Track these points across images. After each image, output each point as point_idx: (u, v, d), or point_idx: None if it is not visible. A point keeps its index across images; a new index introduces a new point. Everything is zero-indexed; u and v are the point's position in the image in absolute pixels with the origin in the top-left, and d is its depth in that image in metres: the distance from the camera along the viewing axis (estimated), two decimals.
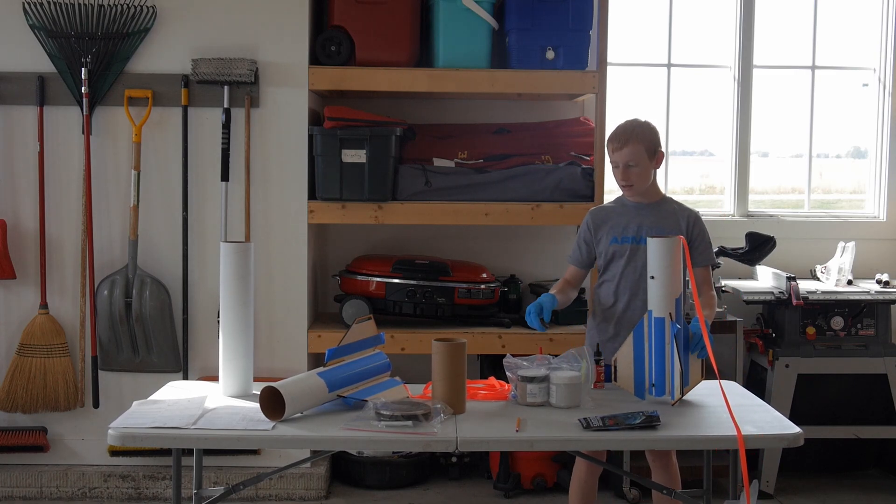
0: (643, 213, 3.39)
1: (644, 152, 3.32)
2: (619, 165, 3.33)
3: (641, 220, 3.38)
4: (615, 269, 3.39)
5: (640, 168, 3.33)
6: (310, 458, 3.97)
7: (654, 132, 3.39)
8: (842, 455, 4.69)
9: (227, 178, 4.31)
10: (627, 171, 3.33)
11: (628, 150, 3.31)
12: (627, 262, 3.36)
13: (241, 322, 3.07)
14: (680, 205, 3.47)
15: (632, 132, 3.33)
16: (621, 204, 3.45)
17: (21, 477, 4.33)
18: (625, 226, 3.38)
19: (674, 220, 3.39)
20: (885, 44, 5.10)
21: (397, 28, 4.38)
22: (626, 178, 3.33)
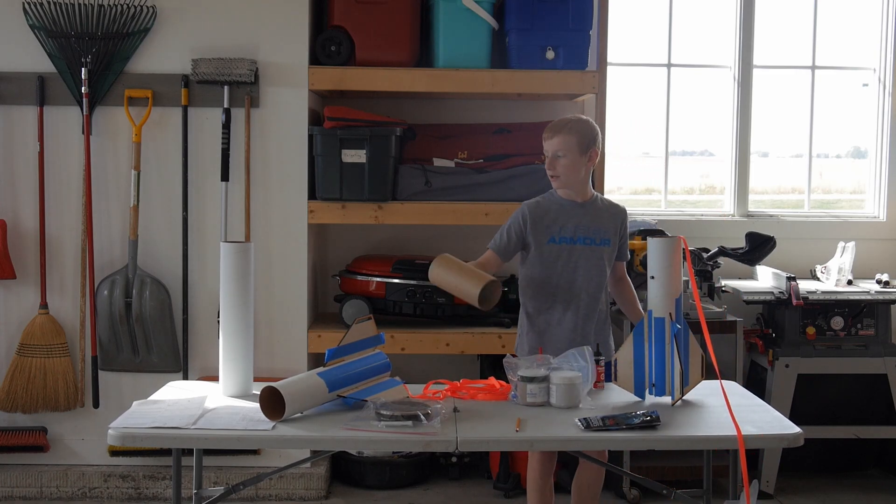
0: (578, 212, 3.37)
1: (575, 145, 3.29)
2: (549, 155, 3.33)
3: (578, 219, 3.36)
4: (549, 271, 3.36)
5: (568, 160, 3.30)
6: (310, 458, 3.98)
7: (591, 128, 3.36)
8: (842, 455, 4.69)
9: (227, 178, 4.31)
10: (555, 160, 3.32)
11: (558, 140, 3.30)
12: (565, 263, 3.35)
13: (241, 322, 3.07)
14: (609, 202, 3.47)
15: (566, 124, 3.33)
16: (556, 202, 3.38)
17: (21, 477, 4.33)
18: (562, 225, 3.35)
19: (608, 217, 3.39)
20: (885, 44, 5.11)
21: (397, 28, 4.38)
22: (552, 168, 3.32)
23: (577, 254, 3.33)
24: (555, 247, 3.34)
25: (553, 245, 3.34)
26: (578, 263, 3.34)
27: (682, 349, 3.00)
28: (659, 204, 5.17)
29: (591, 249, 3.34)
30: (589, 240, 3.34)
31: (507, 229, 3.38)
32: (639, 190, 5.42)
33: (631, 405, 2.99)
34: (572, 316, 3.36)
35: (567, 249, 3.34)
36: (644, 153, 5.35)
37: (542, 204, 3.39)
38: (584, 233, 3.33)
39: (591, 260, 3.35)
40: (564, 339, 3.34)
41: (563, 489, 4.45)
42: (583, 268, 3.35)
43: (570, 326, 3.36)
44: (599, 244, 3.36)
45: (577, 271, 3.34)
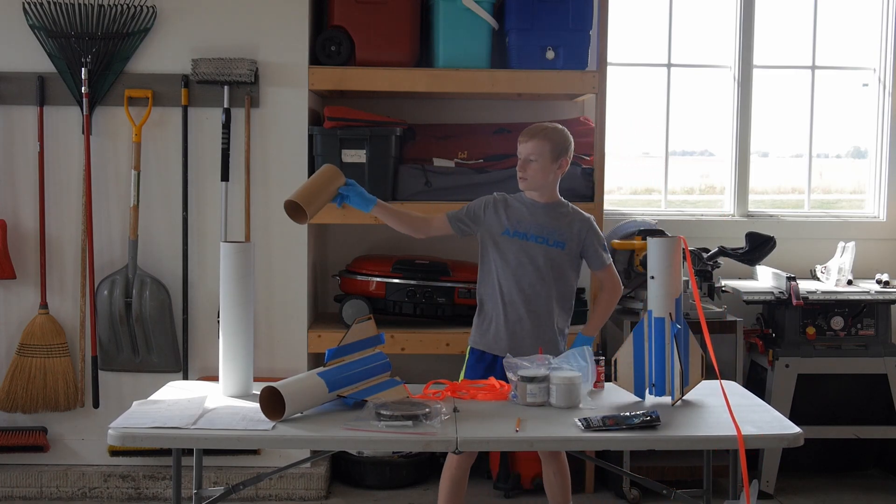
0: (539, 212, 3.42)
1: (548, 152, 3.37)
2: (521, 157, 3.39)
3: (536, 218, 3.41)
4: (495, 264, 3.41)
5: (539, 165, 3.37)
6: (310, 458, 3.98)
7: (565, 138, 3.44)
8: (842, 455, 4.69)
9: (227, 178, 4.31)
10: (527, 163, 3.37)
11: (532, 145, 3.36)
12: (516, 257, 3.38)
13: (241, 322, 3.07)
14: (575, 209, 3.50)
15: (543, 130, 3.40)
16: (519, 200, 3.46)
17: (21, 477, 4.33)
18: (519, 220, 3.41)
19: (569, 222, 3.43)
20: (885, 44, 5.10)
21: (397, 28, 4.38)
22: (523, 170, 3.38)
23: (530, 250, 3.38)
24: (508, 239, 3.39)
25: (507, 237, 3.39)
26: (529, 259, 3.38)
27: (682, 349, 3.00)
28: (659, 204, 5.17)
29: (544, 249, 3.39)
30: (542, 239, 3.39)
31: (470, 206, 3.48)
32: (639, 190, 5.42)
33: (631, 405, 3.00)
34: (519, 310, 3.39)
35: (519, 244, 3.39)
36: (644, 153, 5.35)
37: (507, 198, 3.47)
38: (537, 231, 3.39)
39: (543, 258, 3.39)
40: (511, 331, 3.40)
41: None
42: (532, 264, 3.38)
43: (516, 318, 3.40)
44: (552, 245, 3.40)
45: (526, 267, 3.38)
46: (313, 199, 3.20)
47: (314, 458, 3.93)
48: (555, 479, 3.49)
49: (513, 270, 3.39)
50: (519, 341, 3.38)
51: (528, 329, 3.40)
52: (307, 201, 3.16)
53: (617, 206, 5.14)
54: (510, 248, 3.39)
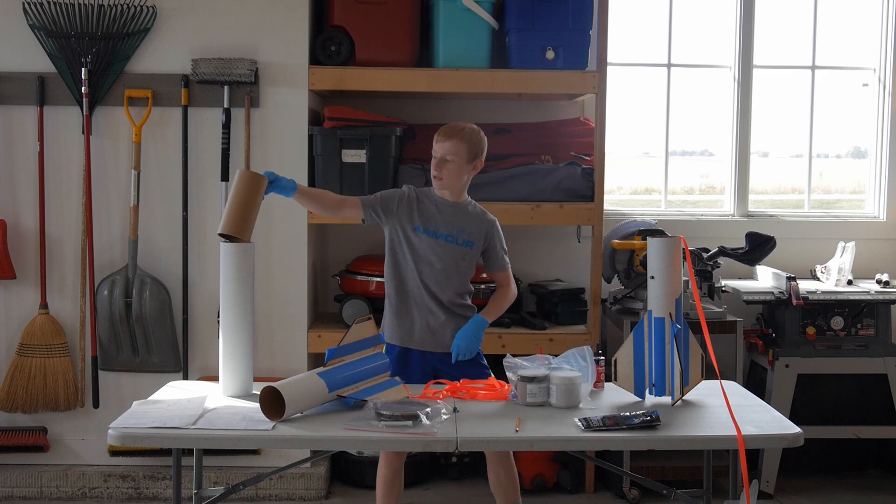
0: (448, 210, 3.42)
1: (465, 152, 3.36)
2: (437, 156, 3.37)
3: (446, 217, 3.41)
4: (406, 259, 3.40)
5: (455, 166, 3.36)
6: (310, 458, 3.98)
7: (481, 140, 3.45)
8: (842, 455, 4.69)
9: (227, 178, 4.31)
10: (443, 163, 3.36)
11: (450, 145, 3.35)
12: (423, 254, 3.38)
13: (241, 322, 3.07)
14: (482, 210, 3.50)
15: (461, 130, 3.39)
16: (431, 198, 3.44)
17: (21, 477, 4.33)
18: (430, 218, 3.40)
19: (476, 222, 3.44)
20: (885, 44, 5.10)
21: (397, 28, 4.38)
22: (438, 170, 3.37)
23: (438, 248, 3.37)
24: (419, 235, 3.39)
25: (417, 233, 3.39)
26: (438, 257, 3.38)
27: (682, 349, 3.00)
28: (659, 204, 5.17)
29: (452, 248, 3.39)
30: (451, 238, 3.39)
31: (383, 193, 3.47)
32: (639, 190, 5.42)
33: (631, 405, 3.00)
34: (430, 304, 3.40)
35: (428, 242, 3.38)
36: (644, 153, 5.35)
37: (423, 194, 3.45)
38: (447, 230, 3.39)
39: (451, 257, 3.39)
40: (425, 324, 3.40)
41: (562, 489, 4.46)
42: (440, 262, 3.38)
43: (428, 312, 3.40)
44: (462, 244, 3.40)
45: (435, 264, 3.38)
46: (244, 220, 3.08)
47: (314, 458, 3.93)
48: (505, 478, 3.46)
49: (423, 266, 3.38)
50: (434, 334, 3.40)
51: (444, 321, 3.40)
52: (240, 228, 3.06)
53: (617, 206, 5.15)
54: (421, 245, 3.38)
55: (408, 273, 3.41)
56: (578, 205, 4.38)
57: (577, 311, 4.57)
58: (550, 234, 4.90)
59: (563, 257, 4.92)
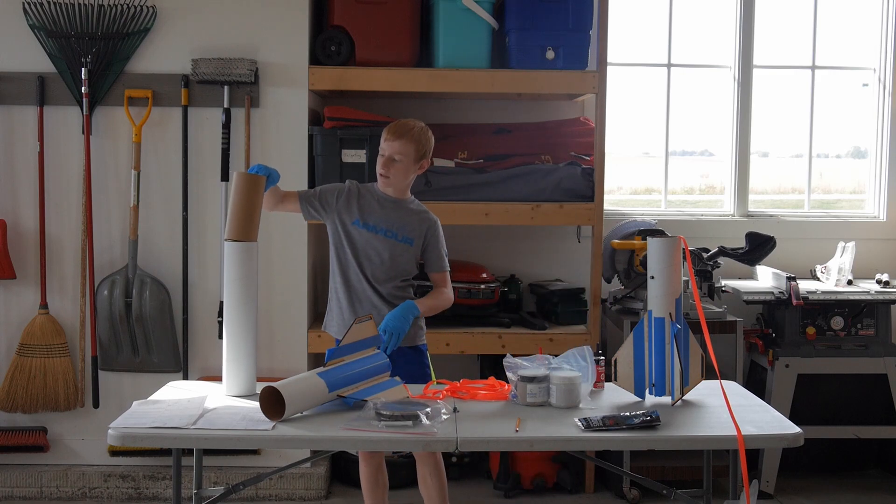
0: (389, 207, 3.40)
1: (413, 152, 3.34)
2: (385, 155, 3.34)
3: (386, 212, 3.38)
4: (346, 255, 3.38)
5: (403, 165, 3.34)
6: (310, 458, 3.98)
7: (429, 139, 3.42)
8: (842, 455, 4.69)
9: (227, 178, 4.31)
10: (391, 162, 3.33)
11: (399, 144, 3.32)
12: (362, 249, 3.36)
13: (244, 321, 3.07)
14: (424, 208, 3.48)
15: (410, 130, 3.35)
16: (373, 193, 3.42)
17: (21, 477, 4.33)
18: (370, 212, 3.38)
19: (416, 220, 3.41)
20: (885, 44, 5.10)
21: (397, 28, 4.38)
22: (385, 168, 3.34)
23: (377, 242, 3.36)
24: (357, 230, 3.37)
25: (356, 227, 3.37)
26: (377, 252, 3.36)
27: (682, 349, 3.00)
28: (659, 204, 5.17)
29: (392, 243, 3.37)
30: (391, 233, 3.37)
31: (322, 187, 3.45)
32: (639, 190, 5.42)
33: (631, 405, 3.00)
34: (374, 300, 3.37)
35: (368, 236, 3.36)
36: (644, 153, 5.35)
37: (365, 188, 3.43)
38: (387, 225, 3.37)
39: (390, 252, 3.36)
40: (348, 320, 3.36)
41: (562, 489, 4.46)
42: (379, 257, 3.36)
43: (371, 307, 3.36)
44: (401, 241, 3.38)
45: (373, 259, 3.36)
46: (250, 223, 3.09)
47: (314, 458, 3.93)
48: (431, 480, 3.44)
49: (363, 260, 3.37)
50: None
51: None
52: (246, 232, 3.06)
53: (617, 206, 5.15)
54: (360, 239, 3.37)
55: (350, 268, 3.39)
56: (578, 205, 4.38)
57: (577, 311, 4.57)
58: (550, 234, 4.90)
59: (563, 257, 4.92)
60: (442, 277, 3.49)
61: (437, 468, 3.46)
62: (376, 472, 3.50)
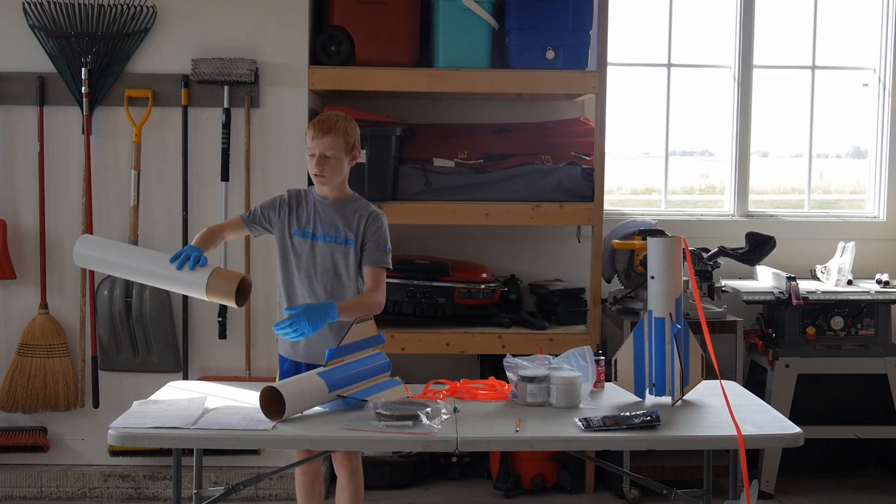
0: (328, 210, 3.27)
1: (343, 145, 3.21)
2: (316, 154, 3.20)
3: (324, 216, 3.26)
4: (290, 267, 3.27)
5: (336, 161, 3.21)
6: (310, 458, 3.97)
7: (356, 129, 3.30)
8: (842, 455, 4.69)
9: (227, 178, 4.31)
10: (324, 160, 3.19)
11: (328, 140, 3.19)
12: (307, 257, 3.24)
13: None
14: (366, 204, 3.32)
15: (336, 123, 3.22)
16: (309, 198, 3.31)
17: (21, 477, 4.33)
18: (308, 220, 3.27)
19: (352, 217, 3.26)
20: (885, 44, 5.10)
21: (397, 28, 4.38)
22: (320, 168, 3.19)
23: (318, 250, 3.23)
24: (299, 240, 3.25)
25: (298, 238, 3.25)
26: (320, 260, 3.24)
27: (682, 349, 3.00)
28: (659, 204, 5.17)
29: (332, 248, 3.24)
30: (330, 238, 3.24)
31: (262, 204, 3.32)
32: (639, 190, 5.42)
33: (631, 405, 3.00)
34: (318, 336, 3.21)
35: (308, 244, 3.24)
36: (644, 153, 5.35)
37: (300, 195, 3.32)
38: (324, 230, 3.24)
39: (331, 257, 3.24)
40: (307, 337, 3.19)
41: (562, 489, 4.46)
42: (322, 265, 3.25)
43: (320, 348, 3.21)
44: (341, 243, 3.24)
45: (317, 268, 3.24)
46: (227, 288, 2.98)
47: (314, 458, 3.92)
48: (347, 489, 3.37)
49: (306, 272, 3.24)
50: (314, 346, 3.23)
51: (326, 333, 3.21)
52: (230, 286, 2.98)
53: (617, 206, 5.15)
54: (303, 249, 3.24)
55: (295, 281, 3.26)
56: (578, 205, 4.38)
57: (577, 311, 4.56)
58: (550, 234, 4.90)
59: (563, 257, 4.92)
60: (373, 275, 3.25)
61: (356, 476, 3.36)
62: (313, 482, 3.42)
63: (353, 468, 3.35)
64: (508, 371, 3.05)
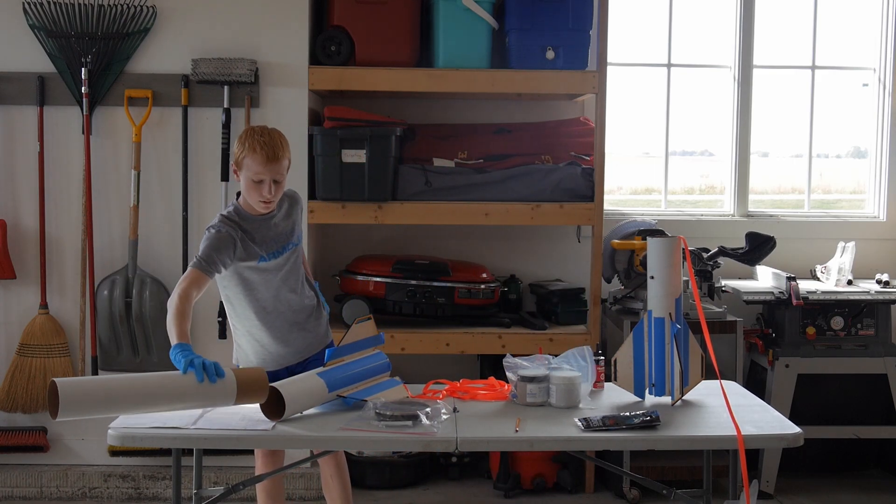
0: (276, 223, 3.16)
1: (288, 164, 3.11)
2: (266, 180, 3.03)
3: (277, 230, 3.15)
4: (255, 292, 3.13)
5: (284, 182, 3.10)
6: (310, 457, 3.97)
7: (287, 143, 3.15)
8: (842, 455, 4.69)
9: (227, 178, 4.31)
10: (275, 185, 3.05)
11: (279, 165, 3.04)
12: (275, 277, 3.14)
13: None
14: (288, 195, 3.25)
15: (281, 143, 3.08)
16: (250, 220, 3.11)
17: (21, 477, 4.33)
18: (267, 242, 3.12)
19: (293, 212, 3.23)
20: (885, 44, 5.10)
21: (397, 28, 4.38)
22: (273, 193, 3.05)
23: (285, 262, 3.17)
24: (266, 263, 3.11)
25: (265, 263, 3.11)
26: (288, 271, 3.18)
27: (682, 349, 3.00)
28: (659, 204, 5.17)
29: (293, 252, 3.20)
30: (291, 244, 3.20)
31: (215, 250, 3.02)
32: (639, 190, 5.42)
33: (631, 405, 3.00)
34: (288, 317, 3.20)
35: (276, 263, 3.14)
36: (644, 153, 5.35)
37: (241, 225, 3.10)
38: (284, 240, 3.17)
39: (293, 263, 3.20)
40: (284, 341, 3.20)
41: (562, 489, 4.46)
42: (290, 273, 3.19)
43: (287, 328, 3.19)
44: (297, 242, 3.23)
45: (287, 278, 3.18)
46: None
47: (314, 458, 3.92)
48: (333, 482, 3.36)
49: (277, 289, 3.15)
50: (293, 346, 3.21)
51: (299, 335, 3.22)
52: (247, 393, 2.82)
53: (617, 206, 5.15)
54: (271, 270, 3.13)
55: (269, 302, 3.14)
56: (578, 205, 4.38)
57: (577, 311, 4.56)
58: (550, 234, 4.90)
59: (563, 257, 4.92)
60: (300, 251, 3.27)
61: (340, 469, 3.35)
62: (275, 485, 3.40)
63: (338, 462, 3.35)
64: (508, 371, 3.05)
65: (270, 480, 3.38)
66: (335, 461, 3.36)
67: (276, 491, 3.43)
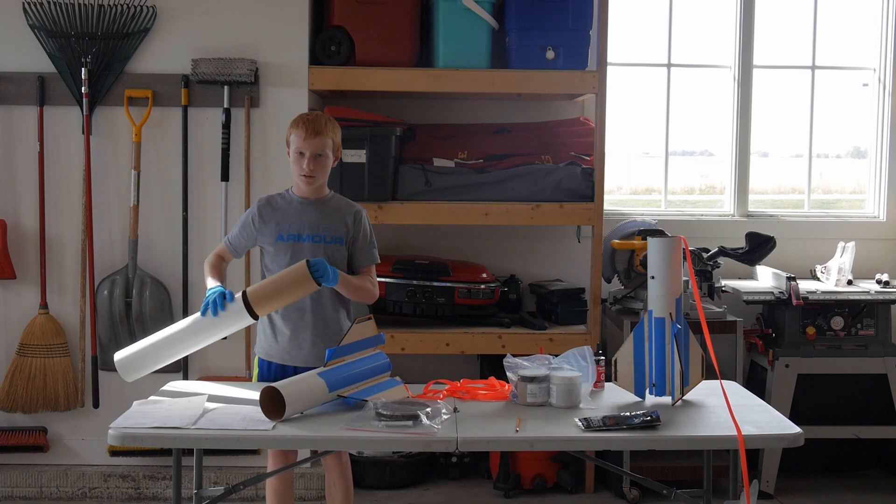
0: (309, 209, 3.24)
1: (332, 145, 3.21)
2: (307, 154, 3.17)
3: (306, 217, 3.23)
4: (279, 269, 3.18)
5: (327, 160, 3.20)
6: (310, 458, 3.97)
7: (339, 128, 3.28)
8: (842, 455, 4.69)
9: (227, 178, 4.31)
10: (316, 160, 3.17)
11: (321, 140, 3.16)
12: (291, 261, 3.17)
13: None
14: (347, 202, 3.33)
15: (325, 124, 3.20)
16: (288, 200, 3.27)
17: (21, 477, 4.33)
18: (290, 223, 3.23)
19: (338, 217, 3.26)
20: (885, 44, 5.10)
21: (397, 28, 4.38)
22: (311, 168, 3.17)
23: (304, 251, 3.18)
24: (283, 244, 3.21)
25: (282, 243, 3.21)
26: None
27: (682, 349, 3.00)
28: (659, 204, 5.17)
29: (321, 247, 3.20)
30: (318, 237, 3.21)
31: (243, 225, 3.29)
32: (639, 190, 5.42)
33: (631, 405, 3.00)
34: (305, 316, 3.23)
35: (293, 247, 3.20)
36: (644, 153, 5.35)
37: (273, 200, 3.29)
38: (311, 230, 3.21)
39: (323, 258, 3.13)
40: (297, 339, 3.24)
41: (562, 489, 4.46)
42: None
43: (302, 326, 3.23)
44: (330, 242, 3.22)
45: None
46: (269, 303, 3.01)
47: (314, 458, 3.92)
48: (334, 488, 3.36)
49: None
50: (303, 348, 3.24)
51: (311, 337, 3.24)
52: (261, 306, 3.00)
53: (617, 206, 5.15)
54: (287, 253, 3.20)
55: None
56: (578, 205, 4.38)
57: (577, 311, 4.56)
58: (550, 234, 4.90)
59: (563, 257, 4.92)
60: (369, 272, 3.32)
61: (344, 475, 3.35)
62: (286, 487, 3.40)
63: (342, 466, 3.35)
64: (508, 371, 3.05)
65: (280, 480, 3.37)
66: (339, 469, 3.35)
67: (286, 491, 3.42)
